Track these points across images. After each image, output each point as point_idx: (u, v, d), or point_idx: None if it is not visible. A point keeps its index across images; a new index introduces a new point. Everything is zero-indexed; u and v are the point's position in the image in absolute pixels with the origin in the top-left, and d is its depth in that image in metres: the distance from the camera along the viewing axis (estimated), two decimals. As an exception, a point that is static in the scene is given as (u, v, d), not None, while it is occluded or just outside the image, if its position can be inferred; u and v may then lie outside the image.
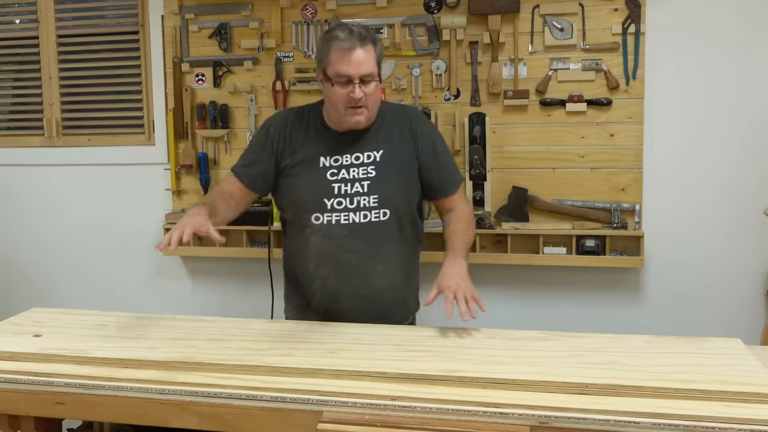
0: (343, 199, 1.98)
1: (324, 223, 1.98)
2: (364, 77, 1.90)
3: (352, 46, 1.88)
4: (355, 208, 1.97)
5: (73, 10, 3.17)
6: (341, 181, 1.98)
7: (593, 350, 1.65)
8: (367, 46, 1.91)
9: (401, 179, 2.02)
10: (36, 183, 3.23)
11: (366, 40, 1.91)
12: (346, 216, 1.97)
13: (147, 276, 3.14)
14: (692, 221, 2.64)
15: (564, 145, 2.67)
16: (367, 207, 1.98)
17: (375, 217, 1.98)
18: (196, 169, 2.96)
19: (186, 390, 1.52)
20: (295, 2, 2.82)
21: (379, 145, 2.01)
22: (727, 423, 1.30)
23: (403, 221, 2.04)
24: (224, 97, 2.92)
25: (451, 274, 1.89)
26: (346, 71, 1.88)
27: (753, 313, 2.63)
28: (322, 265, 2.02)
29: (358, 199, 1.97)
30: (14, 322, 1.98)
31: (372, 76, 1.92)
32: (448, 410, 1.39)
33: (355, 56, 1.88)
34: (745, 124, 2.58)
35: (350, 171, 1.99)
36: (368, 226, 1.98)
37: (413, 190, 2.06)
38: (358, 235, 1.97)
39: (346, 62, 1.88)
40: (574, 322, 2.66)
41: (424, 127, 2.08)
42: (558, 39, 2.64)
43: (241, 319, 1.99)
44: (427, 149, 2.05)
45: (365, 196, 1.97)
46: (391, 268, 2.04)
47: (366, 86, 1.91)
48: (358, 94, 1.89)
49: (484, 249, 2.74)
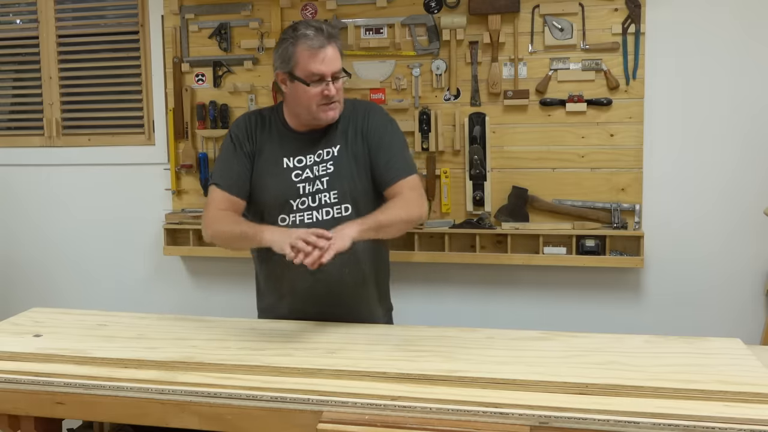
0: (306, 198, 1.98)
1: (289, 224, 1.97)
2: (336, 74, 1.92)
3: (322, 45, 1.89)
4: (318, 206, 1.98)
5: (73, 10, 3.17)
6: (305, 180, 1.99)
7: (593, 350, 1.65)
8: (335, 44, 1.93)
9: (358, 173, 1.99)
10: (36, 183, 3.23)
11: (332, 37, 1.93)
12: (309, 215, 1.97)
13: (147, 276, 3.14)
14: (692, 221, 2.64)
15: (564, 145, 2.67)
16: (328, 203, 1.98)
17: (337, 213, 1.97)
18: (196, 169, 2.96)
19: (186, 390, 1.52)
20: (295, 2, 2.82)
21: (336, 141, 2.01)
22: (727, 423, 1.30)
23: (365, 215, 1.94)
24: (224, 97, 2.92)
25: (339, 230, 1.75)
26: (319, 69, 1.89)
27: (753, 313, 2.63)
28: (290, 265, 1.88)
29: (319, 197, 1.98)
30: (14, 322, 1.98)
31: (341, 72, 1.94)
32: (448, 410, 1.39)
33: (327, 54, 1.90)
34: (746, 124, 2.58)
35: (313, 169, 1.99)
36: (331, 222, 1.93)
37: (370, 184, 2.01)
38: None
39: (320, 61, 1.89)
40: (574, 322, 2.66)
41: (373, 117, 2.03)
42: (558, 39, 2.64)
43: (241, 319, 1.99)
44: (373, 138, 2.00)
45: (326, 193, 1.98)
46: (357, 264, 2.02)
47: (336, 83, 1.93)
48: (333, 90, 1.92)
49: (484, 249, 2.74)
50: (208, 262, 3.05)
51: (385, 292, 2.19)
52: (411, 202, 1.93)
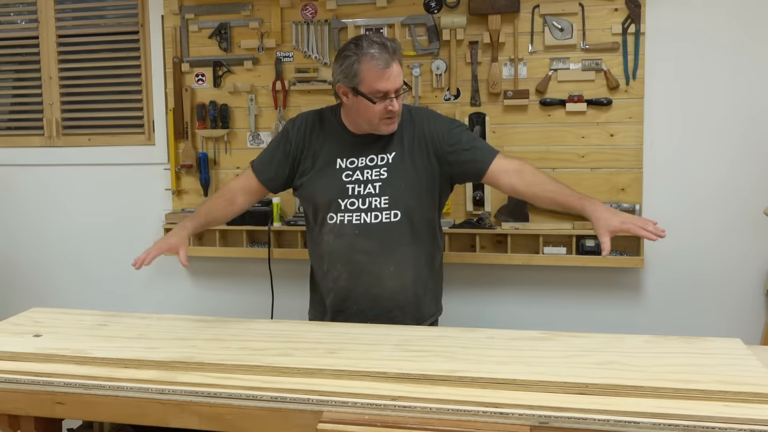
0: (356, 199, 2.02)
1: (337, 223, 2.03)
2: (399, 90, 1.97)
3: (387, 64, 1.93)
4: (367, 209, 2.01)
5: (73, 10, 3.17)
6: (355, 182, 2.03)
7: (593, 350, 1.65)
8: (398, 60, 1.97)
9: (413, 181, 2.03)
10: (36, 183, 3.23)
11: (396, 53, 1.96)
12: (357, 216, 2.01)
13: (147, 276, 3.13)
14: (692, 221, 2.64)
15: (564, 145, 2.67)
16: (378, 208, 2.01)
17: (386, 218, 2.01)
18: (196, 169, 2.96)
19: (186, 390, 1.52)
20: (295, 2, 2.82)
21: (393, 147, 2.05)
22: (727, 423, 1.30)
23: (417, 223, 2.04)
24: (224, 97, 2.92)
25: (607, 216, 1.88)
26: (385, 87, 1.94)
27: (753, 313, 2.63)
28: (334, 263, 2.06)
29: (369, 200, 2.01)
30: (14, 322, 1.98)
31: (403, 87, 1.99)
32: (448, 410, 1.39)
33: (392, 73, 1.94)
34: (745, 124, 2.58)
35: (364, 172, 2.03)
36: (379, 226, 2.00)
37: (428, 193, 2.06)
38: (369, 234, 2.00)
39: (385, 80, 1.93)
40: (574, 322, 2.66)
41: (436, 123, 2.09)
42: (558, 39, 2.64)
43: (241, 319, 1.99)
44: (445, 143, 2.04)
45: (377, 197, 2.01)
46: (403, 269, 2.05)
47: (399, 98, 1.98)
48: (397, 107, 1.97)
49: (484, 249, 2.74)
50: (208, 262, 3.05)
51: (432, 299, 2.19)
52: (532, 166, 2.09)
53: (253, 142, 2.91)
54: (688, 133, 2.62)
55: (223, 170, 2.96)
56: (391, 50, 1.94)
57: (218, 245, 2.92)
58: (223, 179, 2.96)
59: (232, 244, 2.92)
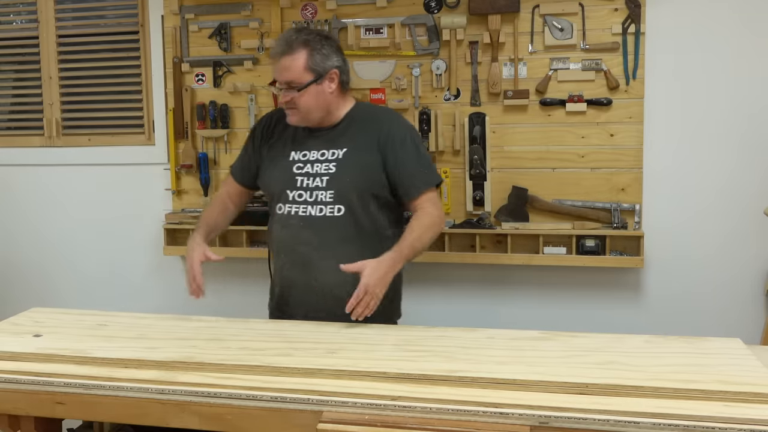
0: (303, 191, 2.05)
1: (284, 213, 2.07)
2: (288, 83, 2.00)
3: (277, 53, 2.01)
4: (313, 202, 2.04)
5: (73, 10, 3.17)
6: (305, 174, 2.06)
7: (593, 350, 1.65)
8: (295, 53, 1.99)
9: (360, 178, 2.03)
10: (36, 183, 3.23)
11: (293, 46, 1.99)
12: (304, 208, 2.05)
13: (147, 276, 3.13)
14: (692, 221, 2.64)
15: (564, 145, 2.67)
16: (323, 201, 2.03)
17: (330, 212, 2.03)
18: (196, 169, 2.96)
19: (186, 390, 1.52)
20: (295, 2, 2.82)
21: (345, 144, 2.07)
22: (727, 423, 1.30)
23: (361, 220, 2.04)
24: (224, 97, 2.92)
25: (377, 271, 1.88)
26: (275, 77, 2.04)
27: (753, 313, 2.63)
28: (279, 253, 2.12)
29: (316, 193, 2.04)
30: (14, 322, 1.98)
31: (296, 83, 2.00)
32: (448, 410, 1.39)
33: (281, 63, 2.01)
34: (745, 124, 2.58)
35: (314, 166, 2.07)
36: (323, 220, 2.03)
37: (373, 193, 2.05)
38: (312, 227, 2.03)
39: (275, 69, 2.03)
40: (574, 322, 2.66)
41: (393, 129, 2.07)
42: (558, 39, 2.64)
43: (241, 319, 1.99)
44: (391, 151, 2.04)
45: (323, 191, 2.04)
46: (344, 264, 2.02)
47: (291, 91, 2.00)
48: (282, 98, 2.03)
49: (484, 249, 2.74)
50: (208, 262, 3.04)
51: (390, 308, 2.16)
52: (434, 218, 2.03)
53: (253, 142, 2.90)
54: (689, 132, 2.62)
55: (223, 170, 2.96)
56: (286, 42, 2.00)
57: (218, 245, 2.91)
58: (223, 179, 2.95)
59: (232, 244, 2.92)
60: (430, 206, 2.04)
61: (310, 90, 2.01)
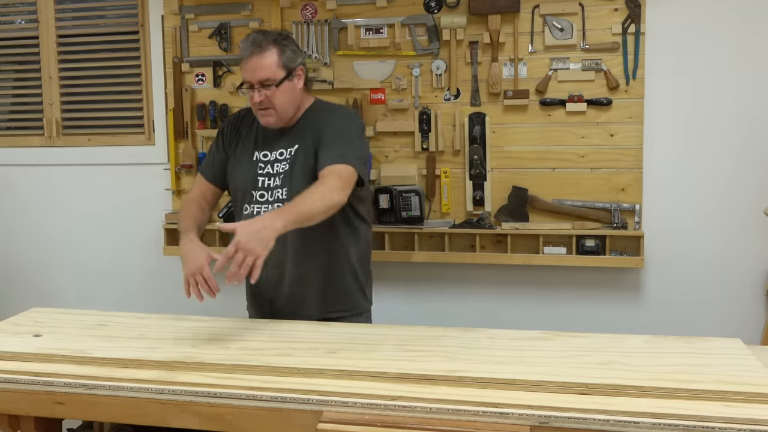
0: (264, 191, 2.08)
1: (251, 213, 2.08)
2: (263, 81, 2.00)
3: (247, 54, 2.01)
4: (273, 201, 2.06)
5: (73, 10, 3.17)
6: (266, 175, 2.09)
7: (593, 350, 1.65)
8: (266, 51, 2.00)
9: (308, 175, 2.02)
10: (36, 183, 3.23)
11: (263, 45, 2.00)
12: (266, 208, 2.06)
13: (147, 276, 3.13)
14: (692, 221, 2.64)
15: (564, 145, 2.67)
16: (280, 200, 2.05)
17: None
18: (196, 169, 2.96)
19: (186, 390, 1.52)
20: (295, 2, 2.82)
21: (297, 141, 2.09)
22: (727, 423, 1.30)
23: None
24: (224, 97, 2.92)
25: (252, 229, 1.70)
26: (246, 77, 2.02)
27: (753, 313, 2.63)
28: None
29: (275, 192, 2.07)
30: (14, 322, 1.98)
31: (271, 80, 2.00)
32: (448, 410, 1.39)
33: (251, 63, 2.01)
34: (746, 124, 2.58)
35: (274, 166, 2.09)
36: None
37: None
38: None
39: (246, 69, 2.02)
40: (574, 322, 2.66)
41: (330, 118, 2.09)
42: (558, 39, 2.64)
43: (241, 319, 1.99)
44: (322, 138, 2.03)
45: (279, 189, 2.06)
46: (302, 260, 2.07)
47: (266, 89, 2.00)
48: (256, 97, 2.01)
49: (484, 249, 2.74)
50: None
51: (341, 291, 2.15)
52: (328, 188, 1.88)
53: (253, 142, 2.91)
54: (689, 132, 2.62)
55: (223, 170, 2.96)
56: (254, 42, 2.00)
57: (218, 245, 2.92)
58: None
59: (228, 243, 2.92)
60: (329, 177, 1.91)
61: (284, 87, 2.03)
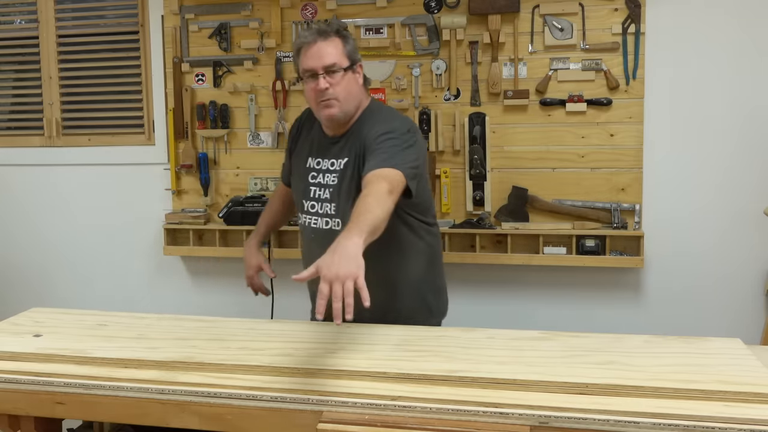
0: (315, 203, 2.01)
1: (303, 223, 2.06)
2: (328, 68, 1.89)
3: (312, 40, 1.92)
4: (322, 214, 2.00)
5: (73, 10, 3.18)
6: (317, 185, 2.01)
7: (593, 350, 1.65)
8: (330, 39, 1.93)
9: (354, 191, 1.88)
10: (36, 183, 3.23)
11: (327, 33, 1.93)
12: (315, 220, 2.01)
13: (147, 276, 3.14)
14: (692, 221, 2.65)
15: (564, 145, 2.67)
16: (328, 214, 1.99)
17: (334, 226, 1.96)
18: (196, 169, 2.96)
19: (186, 390, 1.52)
20: (295, 2, 2.82)
21: (346, 153, 1.97)
22: (727, 423, 1.30)
23: None
24: (224, 97, 2.92)
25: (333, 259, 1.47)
26: (308, 65, 1.91)
27: (753, 313, 2.63)
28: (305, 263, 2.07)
29: (324, 206, 2.00)
30: (14, 322, 1.98)
31: (336, 65, 1.90)
32: (448, 410, 1.39)
33: (316, 48, 1.91)
34: (746, 124, 2.58)
35: (325, 176, 2.01)
36: (328, 233, 1.93)
37: None
38: (320, 240, 1.93)
39: (309, 56, 1.91)
40: (574, 322, 2.66)
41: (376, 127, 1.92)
42: (558, 39, 2.64)
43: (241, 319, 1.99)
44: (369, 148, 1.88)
45: (327, 203, 1.99)
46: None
47: (331, 77, 1.90)
48: (322, 84, 1.88)
49: (484, 249, 2.74)
50: (208, 262, 3.05)
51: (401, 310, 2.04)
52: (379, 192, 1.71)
53: (253, 142, 2.91)
54: (688, 132, 2.62)
55: (222, 170, 2.96)
56: (318, 31, 1.93)
57: (218, 245, 2.92)
58: (222, 179, 2.96)
59: (232, 244, 2.92)
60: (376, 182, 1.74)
61: (348, 77, 1.93)
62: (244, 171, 2.95)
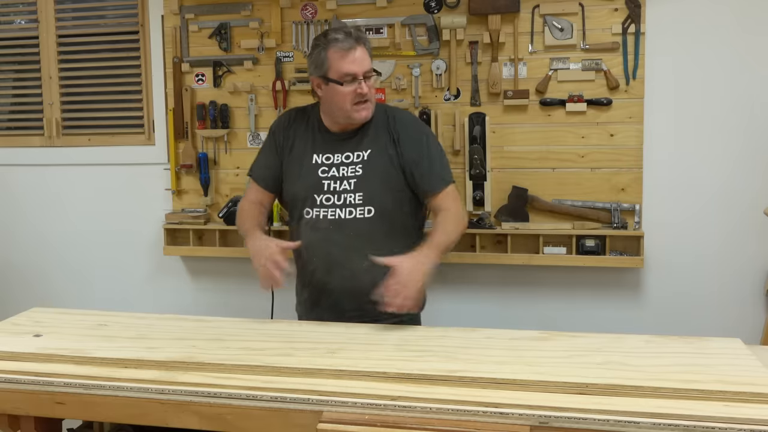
0: (331, 195, 2.07)
1: (313, 218, 2.08)
2: (367, 73, 2.03)
3: (352, 46, 2.01)
4: (342, 205, 2.05)
5: (73, 10, 3.17)
6: (331, 178, 2.08)
7: (593, 350, 1.65)
8: (363, 45, 2.04)
9: (387, 179, 2.06)
10: (36, 183, 3.23)
11: (360, 39, 2.04)
12: (333, 212, 2.06)
13: (147, 276, 3.14)
14: (692, 221, 2.64)
15: (564, 145, 2.67)
16: (353, 204, 2.05)
17: (360, 214, 2.05)
18: (196, 169, 2.96)
19: (186, 390, 1.52)
20: (295, 2, 2.82)
21: (368, 145, 2.09)
22: (728, 423, 1.30)
23: (391, 221, 2.07)
24: (224, 97, 2.92)
25: (408, 269, 1.86)
26: (351, 69, 2.01)
27: (753, 313, 2.63)
28: (311, 257, 2.11)
29: (345, 196, 2.06)
30: (14, 322, 1.98)
31: (371, 71, 2.05)
32: (448, 410, 1.39)
33: (358, 54, 2.01)
34: (746, 123, 2.58)
35: (340, 169, 2.08)
36: (353, 221, 2.04)
37: (400, 192, 2.08)
38: (343, 229, 2.04)
39: (350, 61, 2.00)
40: (574, 322, 2.66)
41: (406, 125, 2.12)
42: (558, 39, 2.64)
43: (241, 319, 1.99)
44: (409, 149, 2.08)
45: (351, 194, 2.05)
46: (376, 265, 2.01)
47: (368, 81, 2.03)
48: (365, 89, 2.02)
49: (484, 249, 2.74)
50: (208, 261, 3.05)
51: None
52: (459, 216, 2.06)
53: (253, 142, 2.91)
54: (688, 132, 2.62)
55: (223, 170, 2.96)
56: (354, 36, 2.02)
57: (218, 245, 2.92)
58: (222, 179, 2.96)
59: (232, 244, 2.92)
60: (452, 204, 2.07)
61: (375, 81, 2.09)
62: (244, 171, 2.92)
